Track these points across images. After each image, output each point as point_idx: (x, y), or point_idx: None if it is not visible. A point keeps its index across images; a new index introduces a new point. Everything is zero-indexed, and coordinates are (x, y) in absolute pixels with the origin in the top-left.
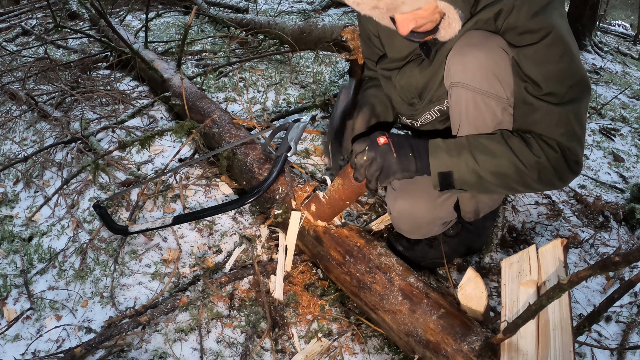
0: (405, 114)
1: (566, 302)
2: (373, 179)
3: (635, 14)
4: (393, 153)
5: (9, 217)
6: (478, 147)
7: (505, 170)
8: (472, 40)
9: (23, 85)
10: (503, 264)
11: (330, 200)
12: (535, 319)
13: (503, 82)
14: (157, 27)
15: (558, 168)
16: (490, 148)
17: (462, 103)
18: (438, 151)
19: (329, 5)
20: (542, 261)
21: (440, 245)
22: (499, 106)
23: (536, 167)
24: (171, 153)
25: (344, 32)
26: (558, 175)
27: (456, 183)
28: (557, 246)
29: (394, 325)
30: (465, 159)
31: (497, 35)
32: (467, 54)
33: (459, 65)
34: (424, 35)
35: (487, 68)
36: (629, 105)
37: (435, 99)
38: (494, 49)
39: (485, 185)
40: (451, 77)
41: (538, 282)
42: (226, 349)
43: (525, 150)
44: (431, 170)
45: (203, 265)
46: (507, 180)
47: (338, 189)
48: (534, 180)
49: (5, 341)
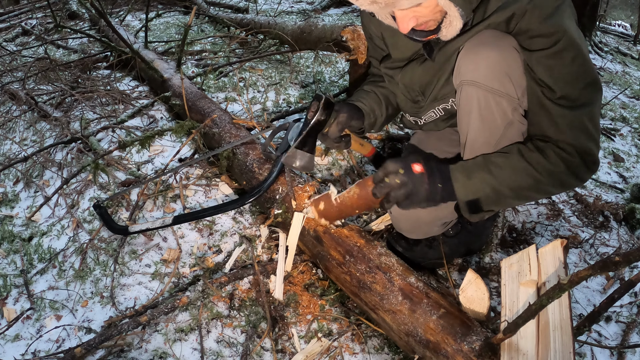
0: (409, 111)
1: (566, 303)
2: (394, 201)
3: (635, 14)
4: (426, 184)
5: (9, 217)
6: (496, 164)
7: (525, 184)
8: (484, 39)
9: (23, 85)
10: (503, 264)
11: (340, 204)
12: (535, 319)
13: (515, 81)
14: (157, 27)
15: (576, 171)
16: (510, 166)
17: (474, 101)
18: (459, 178)
19: (329, 5)
20: (542, 261)
21: (440, 246)
22: (510, 106)
23: (555, 177)
24: (171, 153)
25: (344, 32)
26: (576, 176)
27: (483, 205)
28: (557, 247)
29: (394, 325)
30: (484, 179)
31: (509, 35)
32: (479, 53)
33: (471, 63)
34: (426, 34)
35: (499, 67)
36: (629, 105)
37: (439, 97)
38: (506, 48)
39: (506, 202)
40: (462, 76)
41: (538, 282)
42: (226, 349)
43: (543, 162)
44: (459, 199)
45: (203, 265)
46: (527, 192)
47: (352, 197)
48: (553, 187)
49: (5, 341)
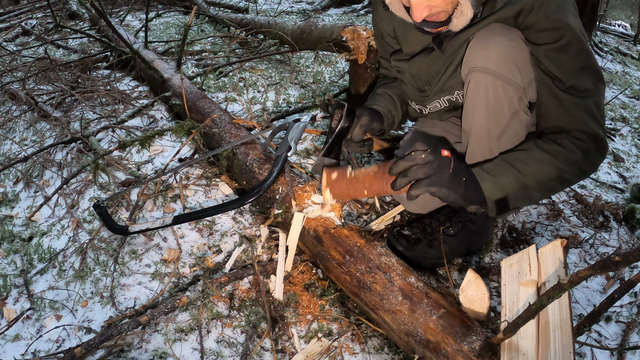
0: (415, 99)
1: (566, 303)
2: (413, 177)
3: (635, 14)
4: (450, 169)
5: (9, 217)
6: (518, 160)
7: (549, 176)
8: (494, 30)
9: (23, 85)
10: (503, 264)
11: (353, 179)
12: (535, 319)
13: (522, 71)
14: (157, 27)
15: (590, 157)
16: (533, 159)
17: (482, 88)
18: (486, 177)
19: (329, 5)
20: (542, 261)
21: (441, 245)
22: (516, 94)
23: (574, 164)
24: (171, 153)
25: (344, 32)
26: (591, 162)
27: (510, 202)
28: (557, 247)
29: (394, 325)
30: (511, 175)
31: (516, 29)
32: (490, 41)
33: (482, 50)
34: (437, 25)
35: (508, 55)
36: (629, 105)
37: (445, 88)
38: (515, 38)
39: (533, 196)
40: (471, 63)
41: (538, 282)
42: (226, 349)
43: (562, 151)
44: (487, 198)
45: (203, 265)
46: (552, 183)
47: (367, 174)
48: (573, 175)
49: (5, 341)
